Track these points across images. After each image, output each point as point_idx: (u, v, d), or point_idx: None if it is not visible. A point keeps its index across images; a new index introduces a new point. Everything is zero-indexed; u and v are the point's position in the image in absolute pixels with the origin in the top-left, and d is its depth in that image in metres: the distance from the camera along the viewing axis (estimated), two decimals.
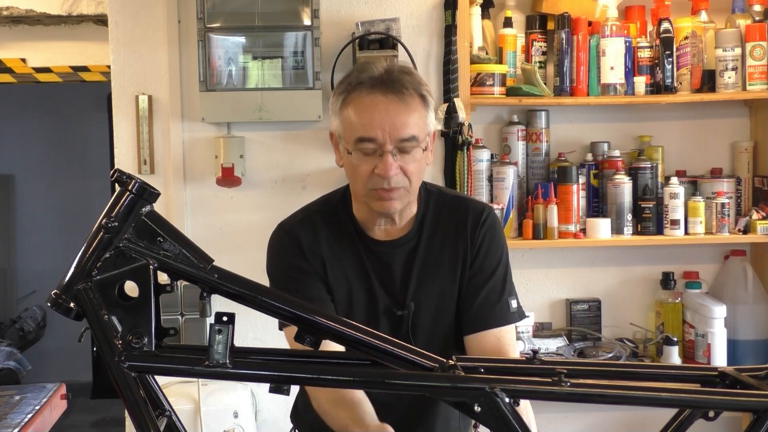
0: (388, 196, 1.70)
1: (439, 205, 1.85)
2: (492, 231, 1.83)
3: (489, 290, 1.80)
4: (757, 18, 3.07)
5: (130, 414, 1.21)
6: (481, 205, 1.89)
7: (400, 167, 1.68)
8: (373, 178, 1.69)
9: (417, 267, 1.80)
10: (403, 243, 1.81)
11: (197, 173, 3.11)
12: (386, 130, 1.66)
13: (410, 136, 1.68)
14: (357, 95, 1.69)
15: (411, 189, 1.73)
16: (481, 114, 3.16)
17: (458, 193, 1.95)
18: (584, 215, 3.13)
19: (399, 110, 1.67)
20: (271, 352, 1.39)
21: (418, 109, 1.69)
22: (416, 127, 1.69)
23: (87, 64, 4.23)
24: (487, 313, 1.79)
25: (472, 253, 1.81)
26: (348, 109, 1.70)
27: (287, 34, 2.96)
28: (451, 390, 1.24)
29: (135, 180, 1.25)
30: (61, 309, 1.22)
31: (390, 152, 1.67)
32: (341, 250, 1.81)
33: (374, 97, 1.67)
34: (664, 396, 1.24)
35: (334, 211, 1.84)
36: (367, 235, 1.81)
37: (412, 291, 1.80)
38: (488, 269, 1.81)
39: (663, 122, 3.26)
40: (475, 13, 3.06)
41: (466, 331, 1.80)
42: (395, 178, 1.68)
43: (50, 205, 6.49)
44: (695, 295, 3.14)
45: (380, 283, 1.80)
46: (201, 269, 1.26)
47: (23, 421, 2.81)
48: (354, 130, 1.69)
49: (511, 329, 1.83)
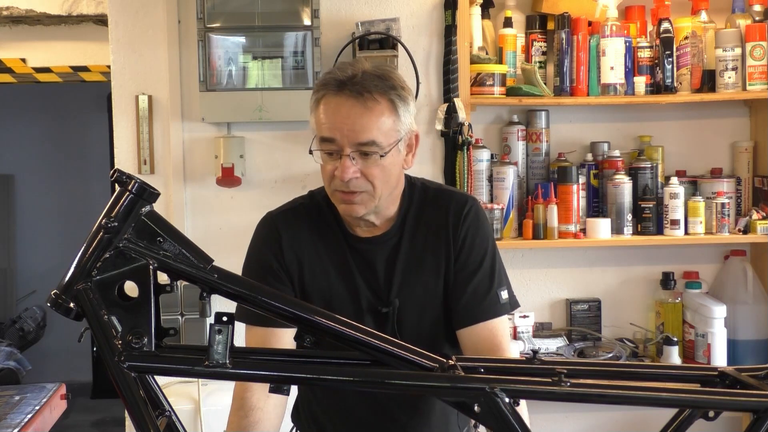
0: (348, 199, 1.70)
1: (422, 199, 1.83)
2: (476, 223, 1.82)
3: (477, 284, 1.79)
4: (757, 18, 3.08)
5: (130, 414, 1.21)
6: (463, 197, 1.87)
7: (361, 171, 1.67)
8: (335, 180, 1.69)
9: (400, 263, 1.79)
10: (385, 239, 1.80)
11: (197, 173, 3.11)
12: (345, 133, 1.65)
13: (369, 141, 1.66)
14: (326, 96, 1.69)
15: (375, 194, 1.70)
16: (481, 114, 3.16)
17: (441, 185, 1.93)
18: (584, 215, 3.13)
19: (359, 114, 1.65)
20: (271, 352, 1.39)
21: (384, 114, 1.67)
22: (378, 132, 1.66)
23: (87, 64, 4.23)
24: (476, 306, 1.78)
25: (456, 247, 1.80)
26: (319, 108, 1.70)
27: (287, 34, 2.96)
28: (451, 390, 1.24)
29: (135, 180, 1.25)
30: (61, 309, 1.22)
31: (348, 156, 1.66)
32: (323, 247, 1.80)
33: (339, 99, 1.67)
34: (664, 396, 1.24)
35: (318, 206, 1.83)
36: (349, 231, 1.80)
37: (396, 287, 1.78)
38: (474, 263, 1.80)
39: (663, 122, 3.27)
40: (475, 13, 3.06)
41: (457, 326, 1.80)
42: (354, 182, 1.67)
43: (50, 205, 6.49)
44: (695, 295, 3.14)
45: (364, 280, 1.79)
46: (201, 269, 1.26)
47: (23, 421, 2.81)
48: (320, 129, 1.69)
49: (503, 320, 1.82)
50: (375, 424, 1.83)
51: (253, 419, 1.76)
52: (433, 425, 1.86)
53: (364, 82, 1.67)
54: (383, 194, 1.73)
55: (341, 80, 1.68)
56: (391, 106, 1.69)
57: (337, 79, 1.68)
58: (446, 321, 1.82)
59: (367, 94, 1.66)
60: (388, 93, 1.69)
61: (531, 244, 3.08)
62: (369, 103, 1.66)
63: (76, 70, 4.29)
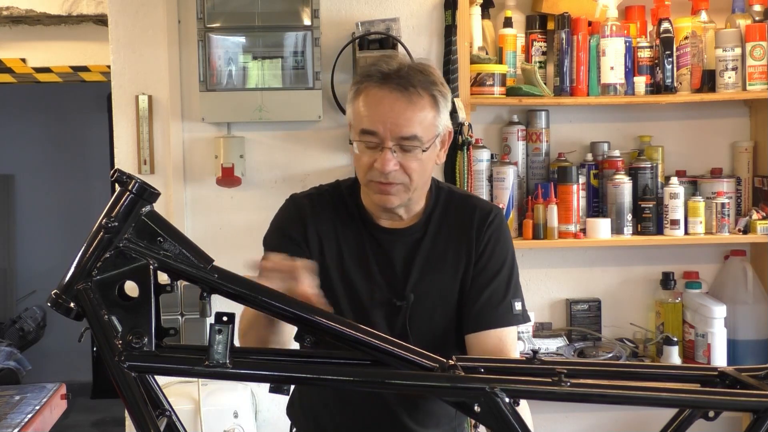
0: (385, 189, 1.71)
1: (448, 202, 1.85)
2: (498, 232, 1.83)
3: (492, 290, 1.80)
4: (757, 18, 3.07)
5: (130, 414, 1.21)
6: (489, 205, 1.89)
7: (400, 164, 1.69)
8: (372, 171, 1.70)
9: (420, 259, 1.80)
10: (408, 233, 1.81)
11: (197, 173, 3.11)
12: (388, 127, 1.66)
13: (411, 135, 1.67)
14: (368, 87, 1.70)
15: (411, 186, 1.73)
16: (481, 114, 3.16)
17: (468, 192, 1.96)
18: (584, 215, 3.13)
19: (403, 108, 1.67)
20: (271, 352, 1.39)
21: (425, 109, 1.69)
22: (420, 126, 1.68)
23: (87, 64, 4.23)
24: (489, 313, 1.78)
25: (476, 252, 1.81)
26: (359, 100, 1.71)
27: (287, 34, 2.96)
28: (451, 390, 1.24)
29: (135, 180, 1.25)
30: (61, 309, 1.22)
31: (390, 148, 1.67)
32: (343, 233, 1.81)
33: (382, 92, 1.68)
34: (664, 396, 1.24)
35: (341, 195, 1.85)
36: (372, 221, 1.81)
37: (413, 283, 1.79)
38: (492, 270, 1.81)
39: (663, 122, 3.26)
40: (475, 13, 3.06)
41: (467, 330, 1.80)
42: (393, 174, 1.69)
43: (50, 205, 6.49)
44: (695, 295, 3.14)
45: (380, 271, 1.79)
46: (201, 269, 1.26)
47: (23, 421, 2.81)
48: (360, 121, 1.70)
49: (512, 331, 1.82)
50: (373, 415, 1.83)
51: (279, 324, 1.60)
52: (433, 417, 1.85)
53: (409, 77, 1.68)
54: (418, 187, 1.74)
55: (386, 73, 1.68)
56: (433, 102, 1.70)
57: (382, 71, 1.69)
58: (458, 325, 1.82)
59: (412, 88, 1.67)
60: (430, 88, 1.70)
61: (531, 244, 3.08)
62: (414, 97, 1.67)
63: (76, 70, 4.29)
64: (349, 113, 1.76)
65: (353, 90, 1.73)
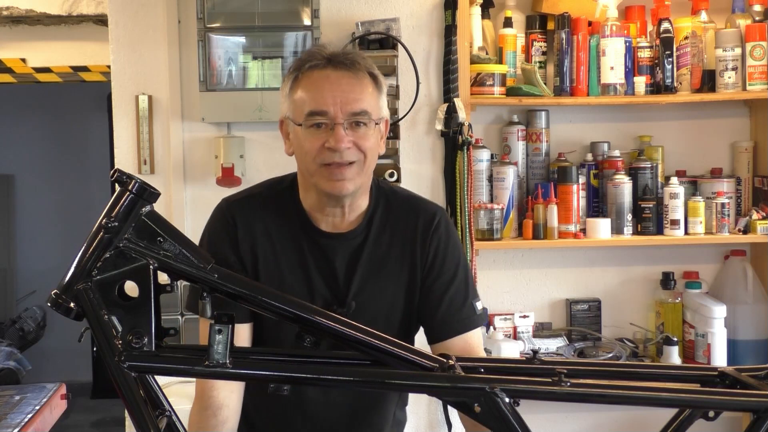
0: (340, 173, 1.64)
1: (390, 204, 1.79)
2: (446, 234, 1.78)
3: (452, 296, 1.76)
4: (757, 18, 3.07)
5: (130, 414, 1.21)
6: (432, 207, 1.82)
7: (353, 142, 1.64)
8: (324, 153, 1.63)
9: (362, 265, 1.74)
10: (349, 237, 1.74)
11: (197, 173, 3.11)
12: (337, 104, 1.63)
13: (361, 110, 1.64)
14: (310, 71, 1.66)
15: (365, 168, 1.67)
16: (481, 114, 3.16)
17: (410, 193, 1.88)
18: (584, 215, 3.13)
19: (351, 84, 1.65)
20: (271, 352, 1.39)
21: (371, 87, 1.67)
22: (368, 103, 1.66)
23: (87, 64, 4.23)
24: (453, 318, 1.75)
25: (425, 259, 1.76)
26: (298, 87, 1.67)
27: (287, 34, 2.96)
28: (451, 390, 1.24)
29: (135, 180, 1.25)
30: (61, 309, 1.22)
31: (341, 125, 1.63)
32: (280, 239, 1.74)
33: (325, 73, 1.65)
34: (664, 396, 1.24)
35: (280, 196, 1.78)
36: (312, 225, 1.74)
37: (355, 289, 1.73)
38: (447, 275, 1.76)
39: (663, 122, 3.26)
40: (475, 13, 3.06)
41: (433, 340, 1.76)
42: (347, 152, 1.63)
43: (50, 205, 6.49)
44: (695, 295, 3.14)
45: (321, 277, 1.74)
46: (201, 269, 1.26)
47: (23, 421, 2.81)
48: (304, 105, 1.65)
49: (477, 332, 1.79)
50: None
51: (222, 418, 1.69)
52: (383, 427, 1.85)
53: (353, 57, 1.68)
54: (370, 168, 1.70)
55: (327, 56, 1.67)
56: (375, 84, 1.70)
57: (323, 55, 1.67)
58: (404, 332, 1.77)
59: (358, 65, 1.67)
60: (371, 68, 1.70)
61: (531, 244, 3.08)
62: (360, 74, 1.66)
63: (76, 70, 4.29)
64: (285, 107, 1.71)
65: (290, 79, 1.69)
